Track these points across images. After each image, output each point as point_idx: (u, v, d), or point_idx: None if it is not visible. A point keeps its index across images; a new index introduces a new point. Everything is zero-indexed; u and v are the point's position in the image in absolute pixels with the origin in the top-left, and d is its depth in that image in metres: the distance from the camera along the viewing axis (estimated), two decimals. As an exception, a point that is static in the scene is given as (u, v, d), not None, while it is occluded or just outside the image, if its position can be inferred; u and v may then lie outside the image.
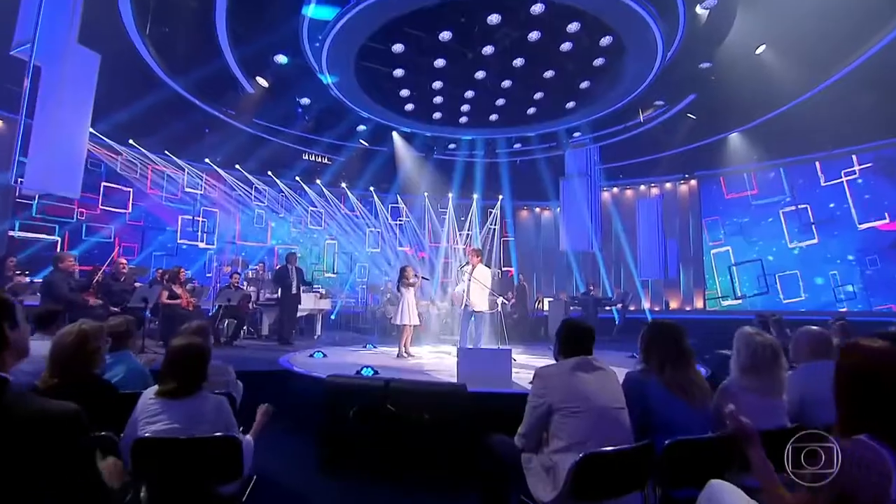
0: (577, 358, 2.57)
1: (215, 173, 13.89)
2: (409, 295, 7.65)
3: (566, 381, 2.47)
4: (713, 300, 14.15)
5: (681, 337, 2.73)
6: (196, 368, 2.44)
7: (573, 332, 2.69)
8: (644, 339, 2.78)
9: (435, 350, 8.90)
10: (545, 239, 17.57)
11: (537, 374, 2.59)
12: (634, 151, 13.81)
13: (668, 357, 2.65)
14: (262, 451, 4.98)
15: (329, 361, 6.93)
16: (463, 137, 13.60)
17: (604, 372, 2.56)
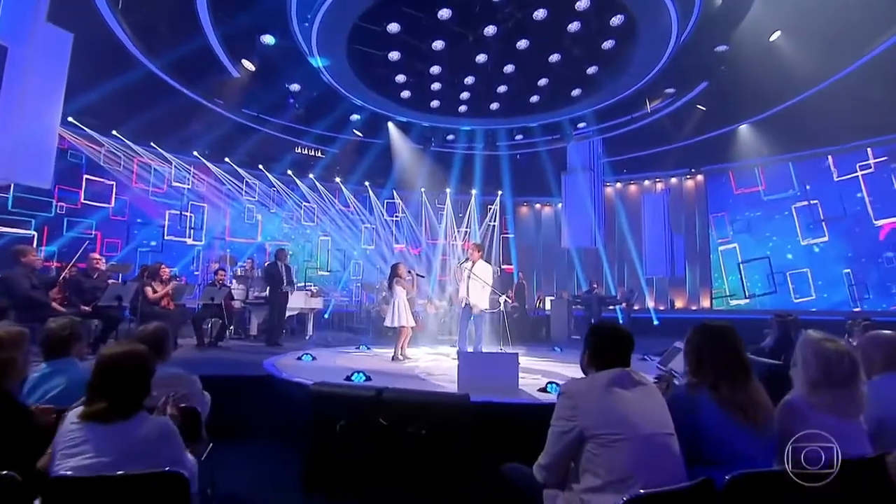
0: (613, 371, 2.07)
1: (203, 166, 13.35)
2: (401, 294, 7.14)
3: (601, 400, 1.97)
4: (720, 299, 13.70)
5: (739, 344, 2.24)
6: (133, 384, 1.93)
7: (608, 339, 2.20)
8: (693, 346, 2.28)
9: (432, 352, 8.41)
10: (545, 236, 17.17)
11: (565, 391, 2.09)
12: (640, 144, 13.34)
13: (724, 369, 2.16)
14: (240, 466, 4.53)
15: (318, 365, 6.43)
16: (462, 128, 13.09)
17: (645, 388, 2.06)
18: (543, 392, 4.60)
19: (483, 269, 7.24)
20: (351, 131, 12.73)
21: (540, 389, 4.65)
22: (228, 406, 5.04)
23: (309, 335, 10.46)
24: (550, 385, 4.65)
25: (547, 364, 7.01)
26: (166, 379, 2.98)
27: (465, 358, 4.82)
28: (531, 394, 4.58)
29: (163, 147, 12.41)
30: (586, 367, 2.23)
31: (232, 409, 5.06)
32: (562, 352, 8.79)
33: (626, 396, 1.98)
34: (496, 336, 8.41)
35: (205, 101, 10.79)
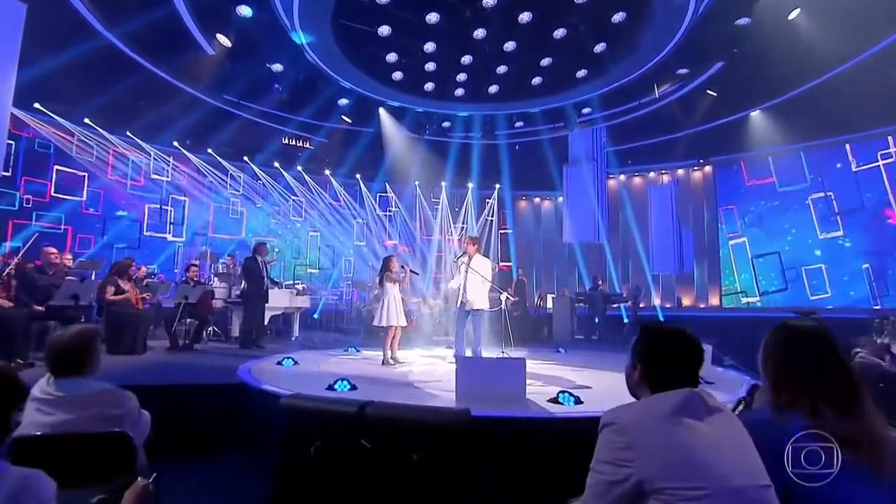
0: (679, 393, 1.48)
1: (184, 157, 12.77)
2: (393, 291, 6.55)
3: (667, 436, 1.38)
4: (730, 297, 13.17)
5: (840, 352, 1.64)
6: None
7: (670, 347, 1.61)
8: (774, 354, 1.69)
9: (427, 354, 7.85)
10: (545, 231, 16.74)
11: (613, 421, 1.50)
12: (646, 133, 12.82)
13: (826, 388, 1.56)
14: (203, 489, 3.94)
15: (299, 371, 5.85)
16: (458, 114, 12.48)
17: (725, 416, 1.47)
18: (555, 403, 4.02)
19: (481, 263, 6.68)
20: (339, 118, 12.08)
21: (550, 400, 4.07)
22: (193, 419, 4.49)
23: (295, 336, 9.90)
24: (563, 395, 4.07)
25: (552, 368, 6.45)
26: (91, 397, 2.41)
27: (463, 364, 4.23)
28: (541, 405, 4.00)
29: (140, 136, 11.80)
30: (637, 387, 1.63)
31: (197, 423, 4.50)
32: (566, 353, 8.26)
33: (700, 430, 1.39)
34: (495, 337, 7.85)
35: (180, 84, 10.11)
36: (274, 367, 5.99)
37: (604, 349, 9.13)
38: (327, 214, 14.62)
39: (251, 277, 8.08)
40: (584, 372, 5.99)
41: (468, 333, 6.82)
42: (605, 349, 9.12)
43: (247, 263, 8.20)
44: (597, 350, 8.94)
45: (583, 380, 5.29)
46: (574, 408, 3.95)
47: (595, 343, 10.51)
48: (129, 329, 6.73)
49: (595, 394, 4.46)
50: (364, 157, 14.11)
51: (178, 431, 4.40)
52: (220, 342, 8.99)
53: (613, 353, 8.59)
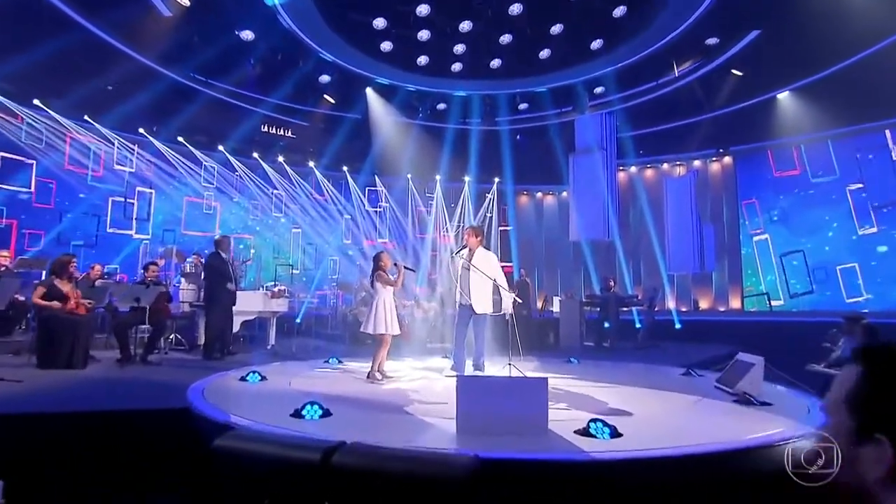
0: None
1: (151, 146, 11.92)
2: (385, 294, 5.69)
3: None
4: (753, 299, 12.40)
5: None
6: None
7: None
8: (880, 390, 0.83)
9: (420, 366, 7.00)
10: (548, 228, 16.24)
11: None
12: (661, 118, 12.14)
13: None
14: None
15: (265, 389, 5.02)
16: (455, 94, 11.63)
17: None
18: (585, 436, 3.19)
19: (484, 258, 5.90)
20: (321, 100, 11.18)
21: (579, 432, 3.24)
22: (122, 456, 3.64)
23: (270, 344, 9.05)
24: (595, 425, 3.24)
25: (568, 384, 5.63)
26: None
27: (466, 386, 3.39)
28: (567, 440, 3.16)
29: (101, 122, 10.89)
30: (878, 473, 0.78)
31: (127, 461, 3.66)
32: (579, 363, 7.43)
33: None
34: (498, 344, 7.01)
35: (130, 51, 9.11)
36: (236, 384, 5.17)
37: (620, 358, 8.33)
38: (310, 210, 13.83)
39: (213, 277, 7.26)
40: (610, 390, 5.17)
41: (469, 341, 6.04)
42: (622, 358, 8.33)
43: (208, 261, 7.38)
44: (613, 360, 8.12)
45: (611, 400, 4.46)
46: (612, 443, 3.12)
47: (608, 351, 9.72)
48: (66, 339, 5.86)
49: (634, 422, 3.63)
50: (350, 147, 13.41)
51: (102, 471, 3.59)
52: (183, 352, 8.12)
53: (633, 362, 7.81)
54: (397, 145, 12.56)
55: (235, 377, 5.45)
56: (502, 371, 5.53)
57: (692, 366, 7.05)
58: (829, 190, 11.48)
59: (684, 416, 3.98)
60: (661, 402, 4.49)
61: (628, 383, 5.51)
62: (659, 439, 3.19)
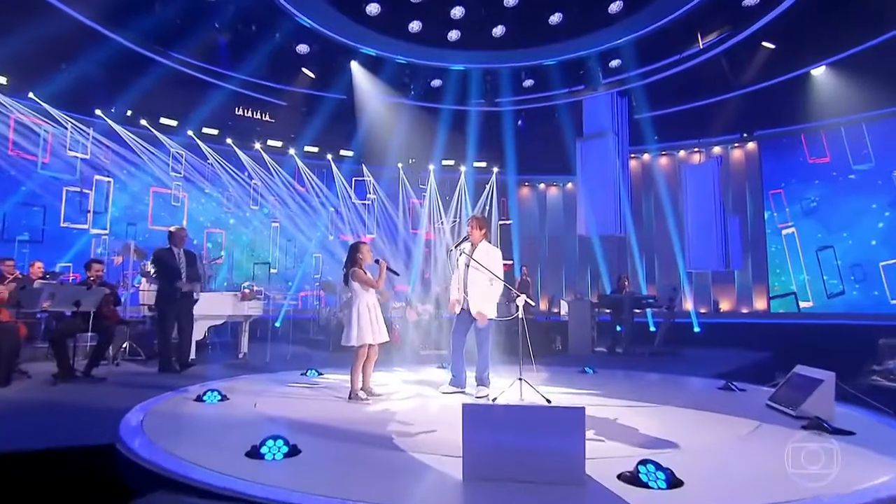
0: None
1: (108, 129, 11.14)
2: (366, 296, 4.97)
3: None
4: (781, 300, 11.79)
5: None
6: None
7: None
8: None
9: (413, 379, 6.33)
10: (552, 223, 15.64)
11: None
12: (678, 98, 11.49)
13: None
14: None
15: (223, 413, 4.36)
16: (452, 67, 10.90)
17: None
18: (634, 484, 2.50)
19: (487, 253, 5.21)
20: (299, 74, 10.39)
21: (625, 478, 2.56)
22: None
23: (242, 353, 8.36)
24: (646, 469, 2.55)
25: (587, 401, 4.96)
26: None
27: (475, 417, 2.68)
28: (612, 490, 2.47)
29: (49, 102, 10.07)
30: None
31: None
32: (596, 374, 6.77)
33: None
34: (501, 350, 6.32)
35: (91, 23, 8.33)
36: (188, 407, 4.47)
37: (637, 366, 7.69)
38: (290, 202, 13.13)
39: (164, 276, 6.54)
40: (642, 410, 4.50)
41: (470, 351, 5.33)
42: (638, 366, 7.69)
43: (157, 256, 6.62)
44: (630, 368, 7.45)
45: (649, 426, 3.78)
46: (672, 496, 2.43)
47: (623, 358, 9.10)
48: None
49: (691, 461, 2.93)
50: (334, 131, 12.71)
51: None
52: (139, 363, 7.38)
53: (654, 371, 7.17)
54: (386, 129, 11.83)
55: (191, 396, 4.75)
56: (512, 388, 4.85)
57: (723, 376, 6.45)
58: (871, 178, 10.84)
59: (749, 450, 3.30)
60: (712, 429, 3.81)
61: (661, 401, 4.84)
62: (734, 491, 2.51)
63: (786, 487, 2.49)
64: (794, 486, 2.51)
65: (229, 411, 4.35)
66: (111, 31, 8.73)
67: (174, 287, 6.50)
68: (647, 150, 13.57)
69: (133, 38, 8.93)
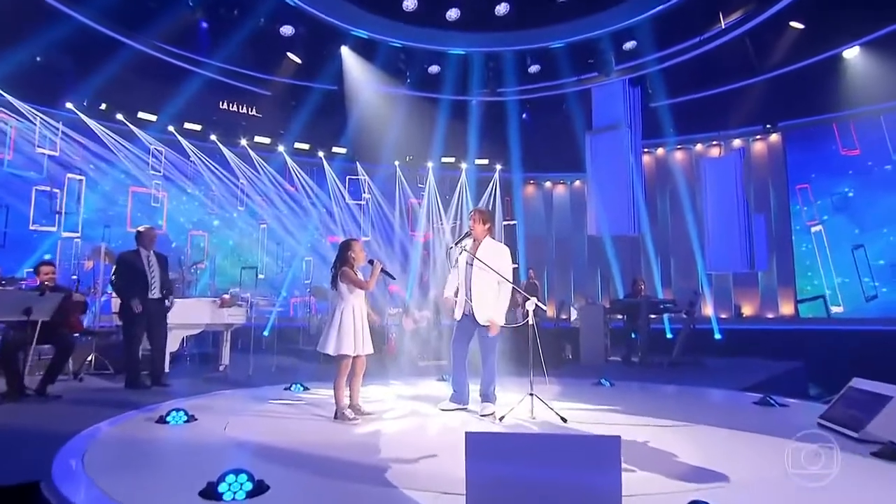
0: None
1: (80, 124, 10.69)
2: (354, 300, 4.52)
3: None
4: (810, 304, 11.32)
5: None
6: None
7: None
8: None
9: (409, 394, 5.90)
10: (559, 222, 15.23)
11: None
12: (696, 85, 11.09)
13: None
14: None
15: (186, 437, 3.98)
16: (451, 51, 10.51)
17: None
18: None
19: (492, 251, 4.76)
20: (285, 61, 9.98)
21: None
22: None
23: (223, 365, 7.94)
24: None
25: (609, 419, 4.54)
26: None
27: (478, 447, 2.22)
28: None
29: (12, 93, 9.65)
30: None
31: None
32: (613, 387, 6.33)
33: None
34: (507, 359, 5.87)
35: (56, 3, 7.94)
36: (147, 431, 4.02)
37: (656, 378, 7.26)
38: (279, 202, 12.72)
39: (129, 280, 6.05)
40: (676, 431, 4.05)
41: (473, 362, 4.87)
42: (658, 378, 7.26)
43: (122, 259, 6.17)
44: (650, 381, 6.99)
45: (689, 453, 3.31)
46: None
47: (639, 368, 8.63)
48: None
49: (747, 499, 2.45)
50: (325, 126, 12.33)
51: None
52: (107, 378, 6.91)
53: (677, 383, 6.70)
54: (381, 123, 11.43)
55: (153, 417, 4.31)
56: (521, 404, 4.42)
57: (753, 389, 5.98)
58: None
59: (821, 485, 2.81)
60: (762, 454, 3.35)
61: (692, 418, 4.38)
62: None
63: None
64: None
65: (193, 435, 3.90)
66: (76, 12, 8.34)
67: (142, 294, 6.04)
68: (663, 143, 13.22)
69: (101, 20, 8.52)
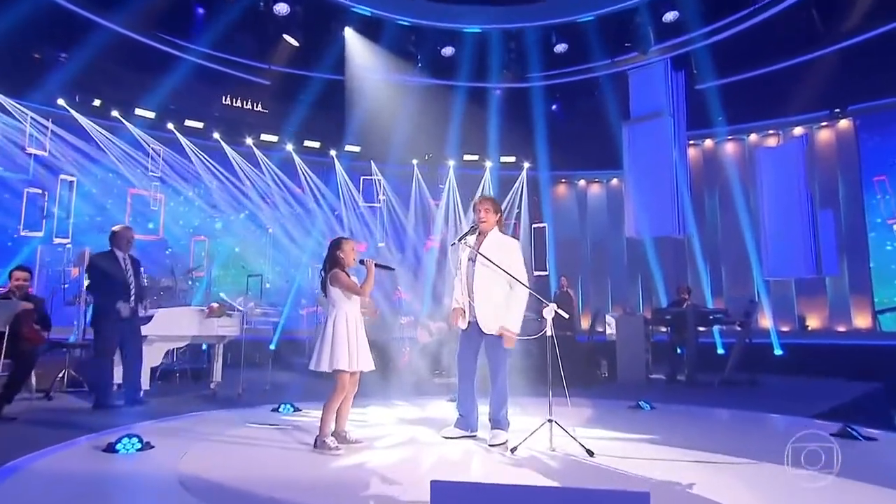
0: None
1: (70, 121, 10.66)
2: (348, 307, 4.07)
3: None
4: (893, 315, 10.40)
5: None
6: None
7: None
8: None
9: (413, 417, 5.46)
10: (594, 226, 14.86)
11: None
12: (750, 63, 10.45)
13: None
14: None
15: (129, 471, 3.49)
16: (466, 29, 10.08)
17: None
18: None
19: (500, 246, 4.28)
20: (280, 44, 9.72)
21: None
22: None
23: (214, 382, 7.57)
24: None
25: (648, 452, 3.96)
26: None
27: (445, 499, 1.66)
28: None
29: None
30: None
31: None
32: (653, 410, 5.73)
33: None
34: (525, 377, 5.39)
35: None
36: (85, 463, 3.64)
37: (707, 400, 6.54)
38: (282, 205, 12.64)
39: (102, 287, 5.74)
40: (732, 469, 3.45)
41: (482, 377, 4.39)
42: (709, 400, 6.56)
43: (92, 262, 5.87)
44: (699, 403, 6.29)
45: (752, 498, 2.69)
46: None
47: (686, 389, 8.03)
48: None
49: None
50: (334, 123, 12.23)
51: None
52: (82, 396, 6.59)
53: (732, 408, 6.00)
54: (392, 115, 11.12)
55: (102, 444, 3.89)
56: (540, 433, 3.89)
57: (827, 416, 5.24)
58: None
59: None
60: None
61: (756, 454, 3.73)
62: None
63: None
64: None
65: (139, 470, 3.48)
66: None
67: (113, 302, 5.71)
68: (711, 133, 12.62)
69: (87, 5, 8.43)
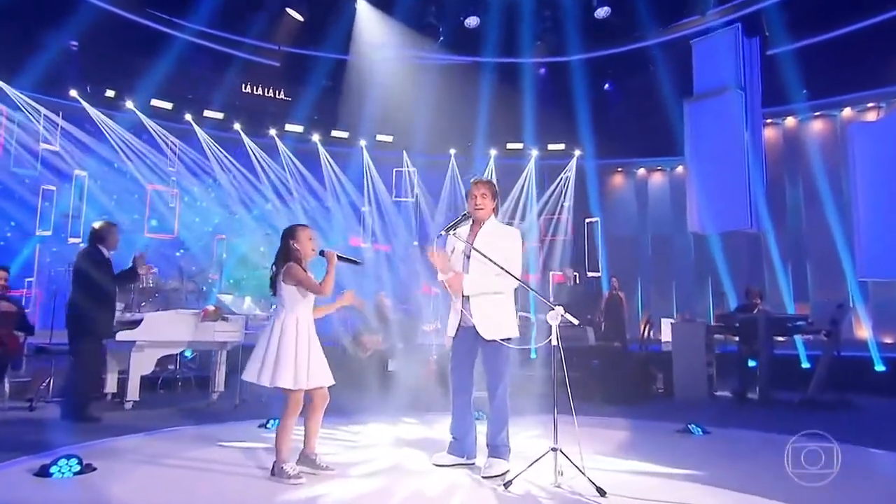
0: None
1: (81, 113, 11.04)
2: (300, 308, 3.68)
3: None
4: None
5: None
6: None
7: None
8: None
9: (412, 437, 5.20)
10: (655, 220, 14.37)
11: None
12: (840, 20, 9.86)
13: None
14: None
15: (51, 501, 3.28)
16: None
17: None
18: None
19: (499, 237, 3.96)
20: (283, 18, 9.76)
21: None
22: None
23: (215, 392, 7.65)
24: None
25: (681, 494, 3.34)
26: None
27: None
28: None
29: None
30: None
31: None
32: (706, 435, 5.21)
33: None
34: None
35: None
36: (10, 489, 3.41)
37: (784, 426, 5.50)
38: (302, 201, 12.74)
39: (88, 287, 5.68)
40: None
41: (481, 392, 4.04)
42: (787, 426, 5.48)
43: (81, 261, 5.82)
44: (772, 429, 5.48)
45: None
46: None
47: (758, 409, 7.48)
48: None
49: None
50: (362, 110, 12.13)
51: None
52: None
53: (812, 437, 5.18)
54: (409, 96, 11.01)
55: (35, 467, 3.67)
56: (543, 463, 3.46)
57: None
58: None
59: None
60: None
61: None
62: None
63: None
64: None
65: (64, 498, 3.30)
66: None
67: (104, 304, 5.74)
68: (793, 110, 11.87)
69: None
